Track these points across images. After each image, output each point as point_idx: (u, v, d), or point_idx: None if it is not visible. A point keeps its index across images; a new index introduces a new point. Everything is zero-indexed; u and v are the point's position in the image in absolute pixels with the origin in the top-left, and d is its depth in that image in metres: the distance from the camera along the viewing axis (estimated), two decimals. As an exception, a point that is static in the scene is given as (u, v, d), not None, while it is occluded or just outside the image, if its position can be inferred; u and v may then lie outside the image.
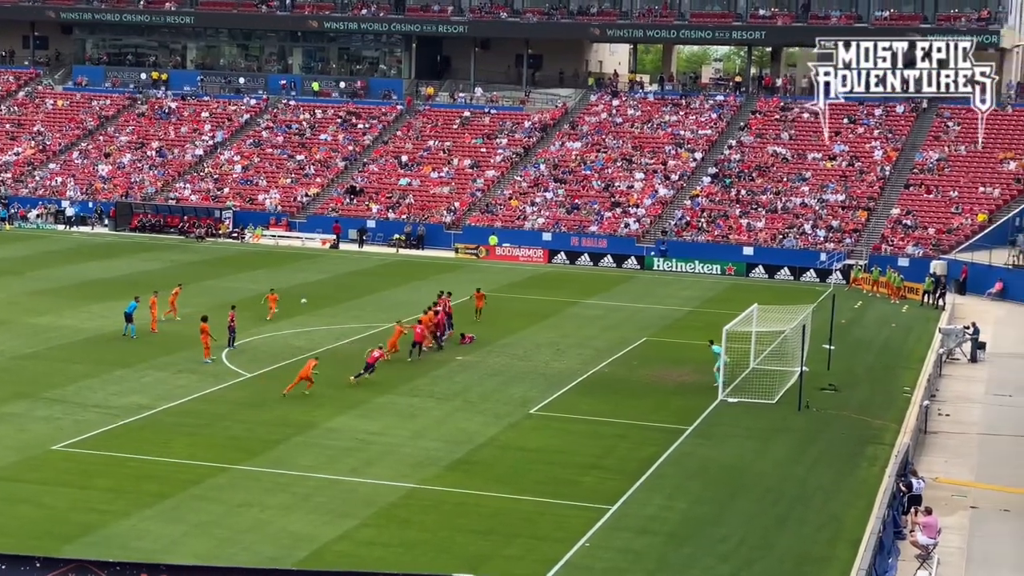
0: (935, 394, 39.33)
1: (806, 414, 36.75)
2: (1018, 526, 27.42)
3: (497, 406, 36.89)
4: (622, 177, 77.60)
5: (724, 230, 70.82)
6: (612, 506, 27.99)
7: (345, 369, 40.68)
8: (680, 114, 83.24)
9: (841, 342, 45.68)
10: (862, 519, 27.26)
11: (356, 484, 29.13)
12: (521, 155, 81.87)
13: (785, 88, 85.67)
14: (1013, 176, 72.21)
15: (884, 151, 76.09)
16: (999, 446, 33.91)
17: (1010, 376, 42.94)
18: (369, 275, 63.52)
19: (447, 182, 79.77)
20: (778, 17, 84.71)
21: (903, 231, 68.52)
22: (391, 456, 31.52)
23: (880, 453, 32.83)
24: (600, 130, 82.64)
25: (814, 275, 65.71)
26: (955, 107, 78.65)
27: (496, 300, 54.77)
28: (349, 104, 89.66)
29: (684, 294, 60.09)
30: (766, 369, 40.96)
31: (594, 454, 32.35)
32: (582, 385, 40.16)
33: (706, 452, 32.75)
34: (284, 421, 34.33)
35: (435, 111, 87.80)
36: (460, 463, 31.05)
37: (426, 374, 40.78)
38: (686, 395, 38.89)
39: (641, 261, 69.14)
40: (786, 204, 72.57)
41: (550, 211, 74.84)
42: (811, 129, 79.31)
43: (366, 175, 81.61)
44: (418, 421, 34.98)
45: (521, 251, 71.39)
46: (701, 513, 27.92)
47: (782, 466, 31.79)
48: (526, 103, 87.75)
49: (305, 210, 78.73)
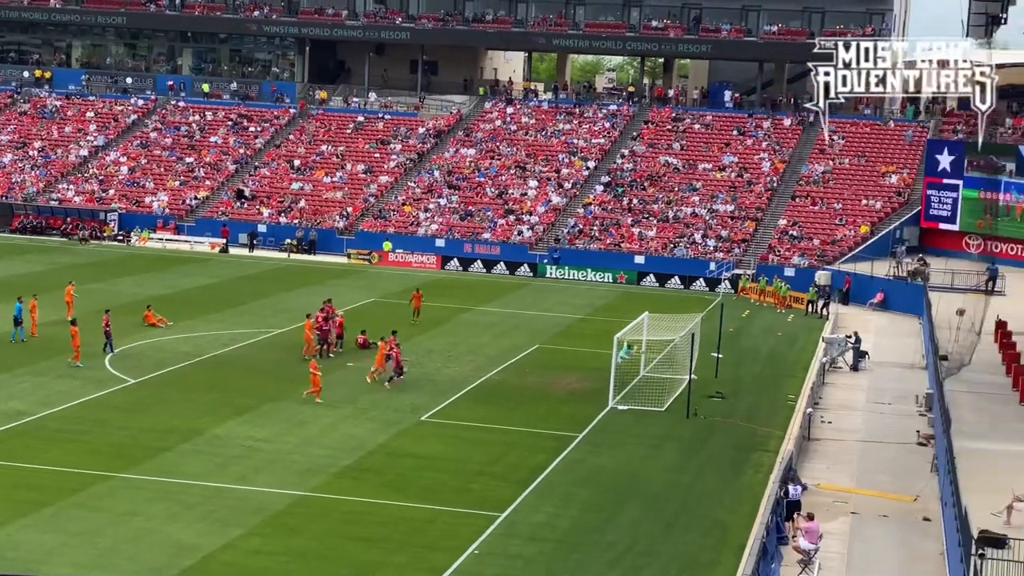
0: (818, 402, 40.13)
1: (694, 421, 37.24)
2: (896, 531, 28.09)
3: (387, 413, 36.73)
4: (516, 184, 77.88)
5: (616, 239, 71.48)
6: (502, 513, 28.04)
7: (232, 375, 40.20)
8: (574, 123, 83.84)
9: (729, 350, 46.40)
10: (746, 525, 27.69)
11: (243, 492, 28.76)
12: (415, 161, 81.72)
13: (677, 99, 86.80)
14: (895, 189, 74.05)
15: (772, 163, 77.51)
16: (879, 453, 34.71)
17: (890, 384, 43.98)
18: (259, 280, 62.81)
19: (340, 187, 79.28)
20: (670, 29, 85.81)
21: (790, 241, 69.84)
22: (279, 464, 31.18)
23: (765, 460, 33.39)
24: (494, 137, 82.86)
25: (704, 284, 66.65)
26: (840, 120, 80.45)
27: (388, 307, 54.54)
28: (240, 107, 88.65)
29: (576, 302, 60.49)
30: (656, 377, 41.41)
31: (484, 461, 32.38)
32: (473, 392, 40.18)
33: (596, 459, 32.99)
34: (169, 428, 33.77)
35: (328, 115, 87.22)
36: (349, 470, 30.85)
37: (316, 380, 40.39)
38: (577, 402, 39.13)
39: (534, 268, 69.48)
40: (677, 214, 73.50)
41: (444, 217, 74.81)
42: (702, 139, 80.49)
43: (257, 179, 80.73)
44: (307, 428, 34.67)
45: (414, 257, 71.26)
46: (590, 520, 28.11)
47: (670, 473, 32.16)
48: (420, 109, 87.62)
49: (194, 213, 77.59)
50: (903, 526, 28.39)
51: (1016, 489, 27.75)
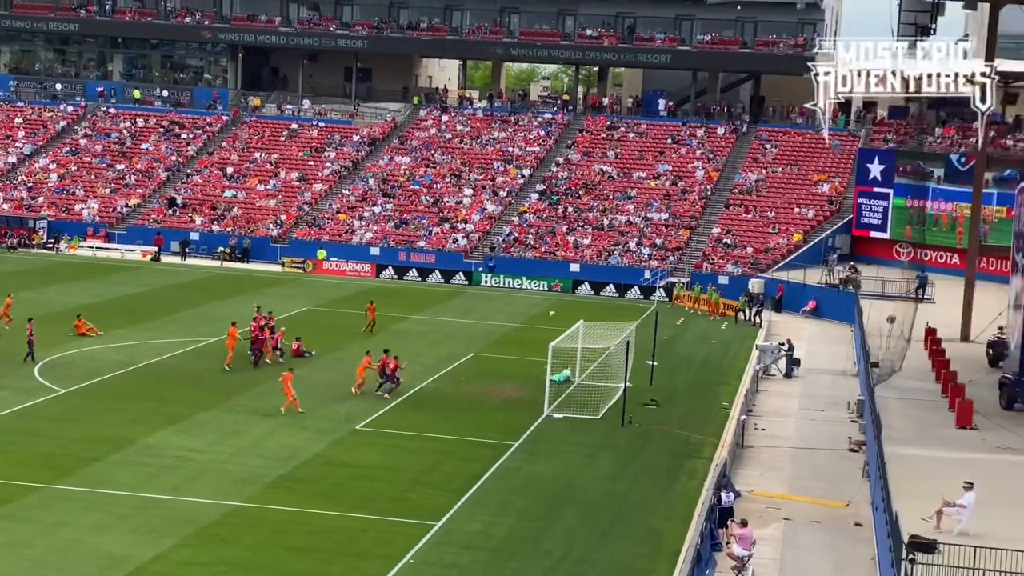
0: (752, 409, 40.45)
1: (629, 429, 37.37)
2: (828, 537, 28.36)
3: (322, 422, 36.48)
4: (451, 192, 77.82)
5: (551, 247, 71.63)
6: (437, 522, 27.96)
7: (165, 384, 39.75)
8: (509, 131, 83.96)
9: (663, 358, 46.63)
10: (681, 532, 27.83)
11: (176, 503, 28.43)
12: (350, 169, 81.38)
13: (611, 107, 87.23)
14: (826, 198, 74.94)
15: (706, 171, 78.12)
16: (811, 459, 35.05)
17: (822, 391, 44.45)
18: (192, 289, 62.18)
19: (274, 195, 78.74)
20: (605, 38, 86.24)
21: (723, 250, 70.40)
22: (212, 473, 30.87)
23: (699, 467, 33.58)
24: (429, 145, 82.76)
25: (638, 292, 66.96)
26: (772, 129, 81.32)
27: (323, 316, 54.21)
28: (172, 113, 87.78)
29: (511, 310, 60.51)
30: (591, 385, 41.53)
31: (420, 470, 32.27)
32: (409, 401, 40.03)
33: (531, 467, 33.00)
34: (100, 438, 33.31)
35: (262, 122, 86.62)
36: (284, 480, 30.60)
37: (250, 389, 40.08)
38: (513, 411, 39.13)
39: (469, 277, 69.42)
40: (612, 222, 73.84)
41: (378, 226, 74.55)
42: (636, 148, 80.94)
43: (190, 186, 79.94)
44: (241, 437, 34.36)
45: (349, 266, 70.90)
46: (526, 528, 28.10)
47: (605, 481, 32.25)
48: (355, 117, 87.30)
49: (125, 221, 76.67)
50: (835, 532, 28.68)
51: (945, 494, 28.14)
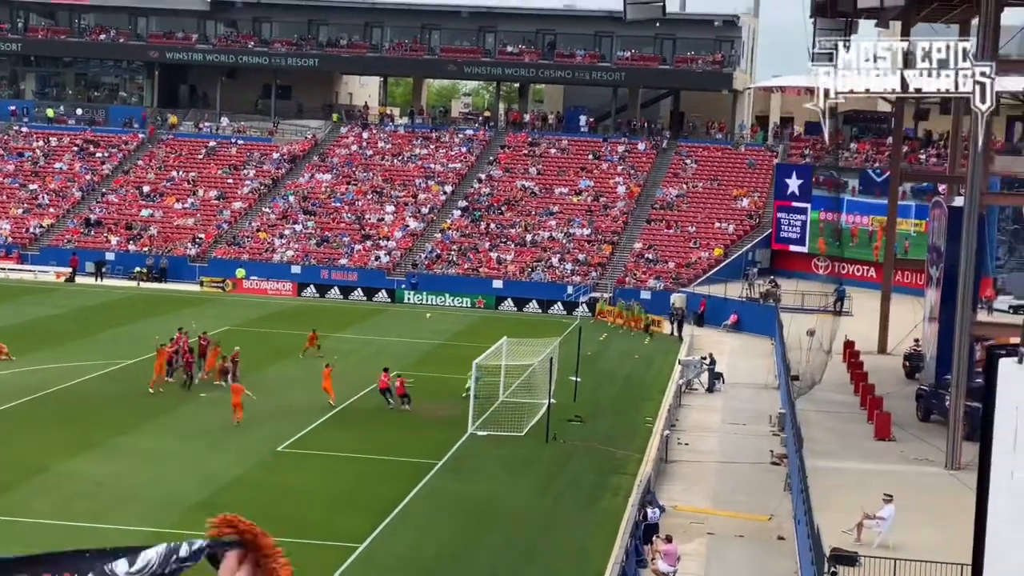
0: (675, 424, 40.66)
1: (553, 446, 37.35)
2: (752, 551, 28.54)
3: (244, 444, 36.03)
4: (372, 210, 77.49)
5: (474, 263, 71.59)
6: (361, 544, 27.69)
7: (81, 408, 39.02)
8: (430, 147, 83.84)
9: (587, 374, 46.68)
10: (606, 549, 27.82)
11: (93, 530, 27.82)
12: (269, 187, 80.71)
13: (533, 123, 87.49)
14: (746, 212, 75.75)
15: (627, 186, 78.59)
16: (734, 474, 35.28)
17: (744, 405, 44.79)
18: (108, 309, 61.19)
19: (192, 213, 77.83)
20: (525, 54, 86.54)
21: (645, 265, 70.84)
22: (132, 500, 30.31)
23: (623, 483, 33.64)
24: (350, 162, 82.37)
25: (561, 308, 67.08)
26: (692, 145, 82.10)
27: (243, 335, 53.63)
28: (87, 132, 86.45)
29: (434, 327, 60.29)
30: (515, 402, 41.47)
31: (344, 491, 31.98)
32: (332, 420, 39.70)
33: (456, 486, 32.84)
34: (14, 464, 32.56)
35: (179, 140, 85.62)
36: (205, 505, 30.10)
37: (169, 413, 39.49)
38: (437, 429, 38.93)
39: (392, 294, 69.09)
40: (534, 238, 73.98)
41: (299, 244, 73.99)
42: (558, 164, 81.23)
43: (105, 205, 78.77)
44: (160, 462, 33.81)
45: (269, 284, 70.21)
46: (451, 548, 27.94)
47: (530, 498, 32.18)
48: (274, 134, 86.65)
49: (38, 242, 75.30)
50: (758, 545, 28.87)
51: (866, 506, 28.46)
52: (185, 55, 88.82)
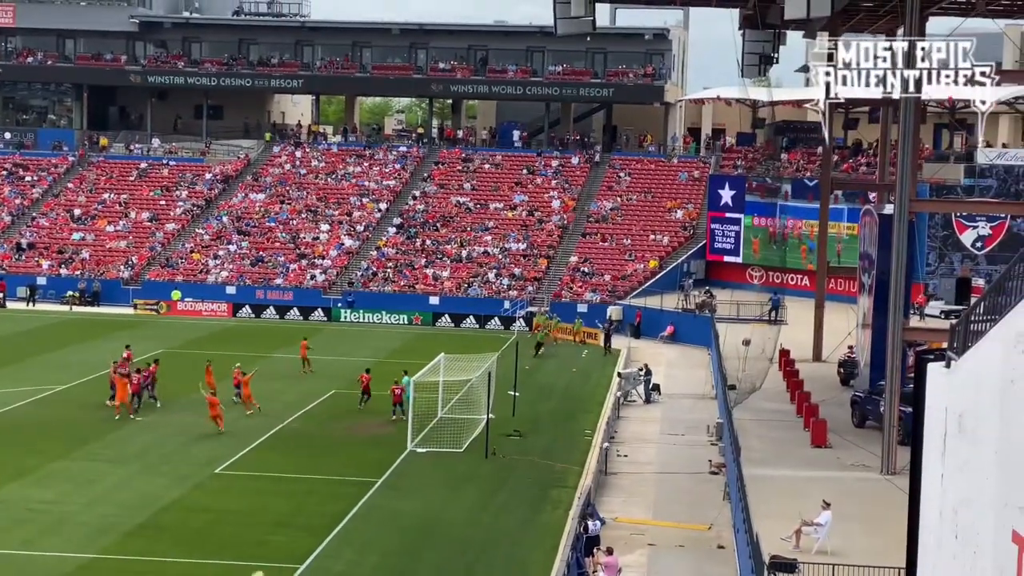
0: (614, 436, 40.80)
1: (493, 461, 37.33)
2: (692, 560, 28.68)
3: (180, 467, 35.65)
4: (307, 228, 77.12)
5: (410, 280, 71.45)
6: (301, 565, 27.49)
7: (14, 435, 38.44)
8: (364, 165, 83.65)
9: (525, 388, 46.73)
10: (547, 562, 27.83)
11: (27, 557, 27.44)
12: (203, 207, 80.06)
13: (466, 139, 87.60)
14: (680, 224, 76.30)
15: (562, 200, 78.87)
16: (673, 484, 35.46)
17: (682, 415, 45.05)
18: (40, 335, 60.30)
19: (124, 236, 77.00)
20: (457, 70, 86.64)
21: (582, 278, 71.08)
22: (67, 525, 29.88)
23: (564, 496, 33.69)
24: (284, 181, 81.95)
25: (499, 323, 67.12)
26: (625, 158, 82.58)
27: (179, 357, 53.10)
28: (16, 155, 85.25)
29: (372, 345, 60.04)
30: (454, 418, 41.40)
31: (283, 512, 31.75)
32: (270, 441, 39.40)
33: (396, 504, 32.72)
34: (-55, 494, 31.99)
35: (110, 162, 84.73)
36: (142, 528, 29.78)
37: (102, 437, 38.99)
38: (376, 447, 38.78)
39: (328, 313, 68.75)
40: (470, 253, 73.99)
41: (234, 264, 73.44)
42: (492, 179, 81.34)
43: (35, 229, 77.71)
44: (95, 487, 33.36)
45: (204, 305, 69.58)
46: (391, 565, 27.82)
47: (470, 514, 32.14)
48: (207, 154, 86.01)
49: (-32, 267, 74.11)
50: (698, 555, 29.03)
51: (804, 513, 28.73)
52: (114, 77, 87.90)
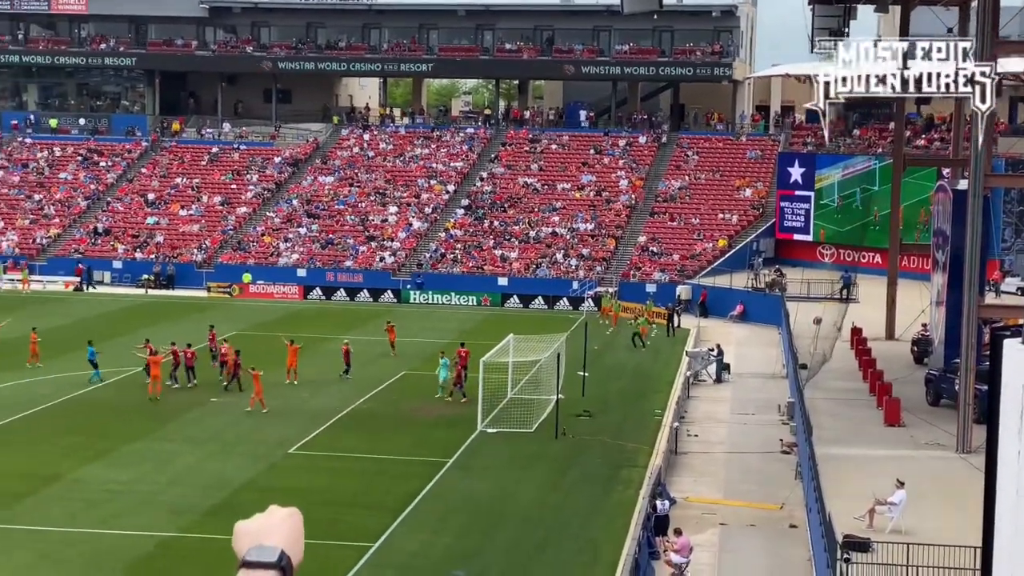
0: (684, 415, 40.70)
1: (563, 441, 37.41)
2: (764, 540, 28.59)
3: (254, 447, 36.14)
4: (376, 211, 77.58)
5: (479, 261, 71.65)
6: (374, 543, 27.78)
7: (93, 416, 39.21)
8: (432, 147, 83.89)
9: (594, 368, 46.72)
10: (618, 542, 27.88)
11: (107, 536, 27.99)
12: (273, 191, 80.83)
13: (533, 120, 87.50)
14: (749, 203, 75.72)
15: (629, 180, 78.59)
16: (744, 463, 35.33)
17: (752, 395, 44.83)
18: (116, 318, 61.29)
19: (197, 220, 77.99)
20: (524, 51, 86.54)
21: (650, 257, 70.84)
22: (146, 505, 30.43)
23: (634, 476, 33.70)
24: (352, 164, 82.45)
25: (567, 303, 67.06)
26: (694, 136, 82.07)
27: (250, 339, 53.75)
28: (90, 141, 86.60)
29: (441, 326, 60.30)
30: (523, 398, 41.53)
31: (356, 491, 32.08)
32: (341, 422, 39.80)
33: (467, 484, 32.91)
34: (28, 473, 32.71)
35: (182, 147, 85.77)
36: (219, 508, 30.24)
37: (178, 418, 39.64)
38: (446, 428, 39.03)
39: (397, 294, 69.17)
40: (538, 234, 74.02)
41: (304, 247, 74.10)
42: (560, 159, 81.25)
43: (110, 214, 78.94)
44: (172, 467, 33.93)
45: (276, 288, 70.31)
46: (464, 545, 28.02)
47: (541, 494, 32.25)
48: (276, 138, 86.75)
49: (45, 252, 75.48)
50: (770, 534, 28.92)
51: (877, 492, 28.50)
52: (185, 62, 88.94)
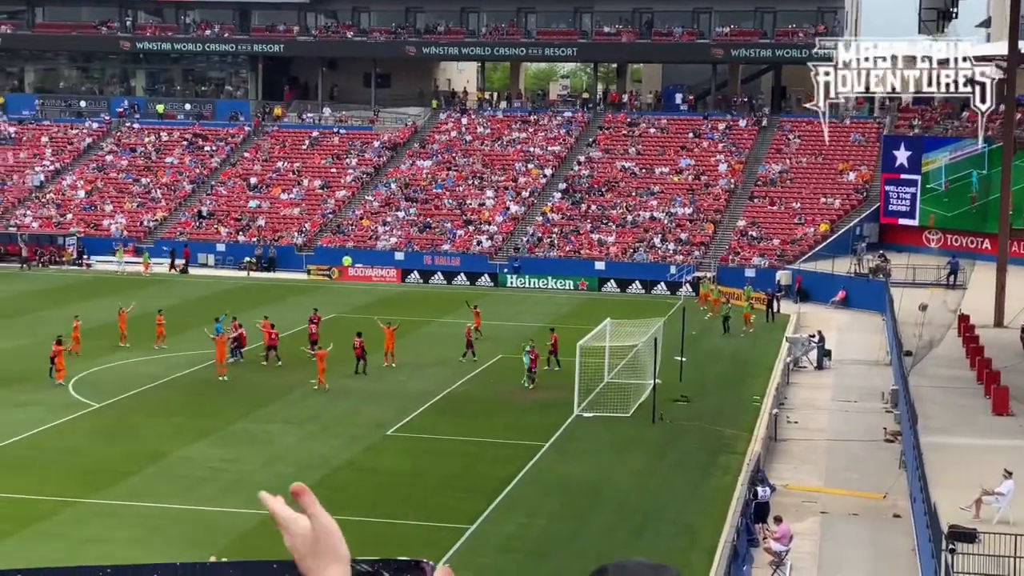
0: (783, 402, 40.20)
1: (660, 426, 37.19)
2: (866, 529, 28.12)
3: (352, 429, 36.49)
4: (473, 195, 77.79)
5: (576, 245, 71.49)
6: (471, 526, 27.87)
7: (197, 395, 39.93)
8: (529, 131, 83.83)
9: (692, 353, 46.32)
10: (716, 528, 27.62)
11: (211, 513, 28.47)
12: (372, 175, 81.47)
13: (631, 104, 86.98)
14: (853, 187, 74.47)
15: (729, 164, 77.78)
16: (846, 451, 34.79)
17: (854, 382, 44.12)
18: (220, 300, 62.22)
19: (297, 203, 78.93)
20: (623, 34, 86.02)
21: (749, 242, 70.06)
22: (246, 483, 30.84)
23: (732, 462, 33.38)
24: (450, 148, 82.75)
25: (664, 288, 66.64)
26: (796, 119, 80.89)
27: (349, 322, 54.24)
28: (195, 126, 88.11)
29: (537, 310, 60.34)
30: (620, 383, 41.34)
31: (452, 474, 32.22)
32: (438, 404, 40.00)
33: (563, 467, 32.88)
34: (135, 452, 33.41)
35: (283, 131, 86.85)
36: (316, 488, 29.51)
37: (279, 398, 40.17)
38: (542, 411, 39.02)
39: (494, 278, 69.32)
40: (635, 218, 73.61)
41: (402, 230, 74.59)
42: (658, 143, 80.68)
43: (214, 198, 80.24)
44: (272, 447, 34.39)
45: (374, 271, 70.93)
46: (560, 529, 27.99)
47: (637, 478, 32.10)
48: (375, 122, 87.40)
49: (152, 235, 77.00)
50: (873, 524, 28.44)
51: (984, 482, 27.86)
52: (287, 48, 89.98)
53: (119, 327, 48.21)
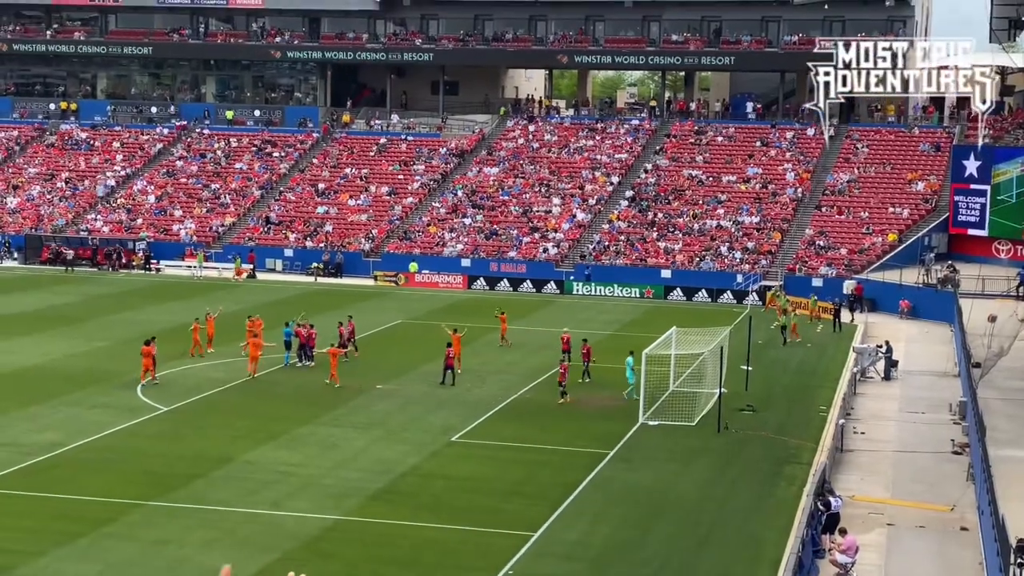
0: (850, 412, 39.89)
1: (725, 435, 37.06)
2: (933, 542, 27.85)
3: (418, 434, 36.74)
4: (540, 202, 77.95)
5: (642, 253, 71.39)
6: (535, 533, 27.97)
7: (264, 400, 40.40)
8: (596, 138, 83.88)
9: (758, 363, 46.12)
10: (781, 539, 27.50)
11: (277, 517, 28.81)
12: (439, 181, 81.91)
13: (699, 112, 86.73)
14: (921, 196, 73.70)
15: (796, 173, 77.29)
16: (913, 463, 34.45)
17: (922, 393, 43.68)
18: (287, 305, 62.87)
19: (365, 209, 79.54)
20: (691, 42, 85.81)
21: (816, 252, 69.55)
22: (312, 488, 31.22)
23: (798, 472, 33.19)
24: (517, 155, 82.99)
25: (731, 297, 66.39)
26: (864, 129, 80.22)
27: (415, 328, 54.60)
28: (264, 132, 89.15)
29: (603, 318, 60.37)
30: (685, 391, 41.23)
31: (516, 480, 32.33)
32: (504, 411, 40.15)
33: (628, 476, 32.87)
34: (202, 455, 33.88)
35: (351, 138, 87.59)
36: (382, 493, 30.85)
37: (346, 403, 40.54)
38: (607, 419, 39.03)
39: (560, 286, 69.43)
40: (702, 227, 73.36)
41: (469, 237, 74.93)
42: (725, 152, 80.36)
43: (282, 203, 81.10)
44: (339, 451, 34.71)
45: (440, 278, 71.34)
46: (624, 537, 28.00)
47: (702, 488, 32.02)
48: (443, 129, 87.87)
49: (221, 240, 77.99)
50: (940, 536, 28.17)
51: (1053, 496, 27.52)
52: (356, 55, 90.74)
53: (207, 332, 48.73)
